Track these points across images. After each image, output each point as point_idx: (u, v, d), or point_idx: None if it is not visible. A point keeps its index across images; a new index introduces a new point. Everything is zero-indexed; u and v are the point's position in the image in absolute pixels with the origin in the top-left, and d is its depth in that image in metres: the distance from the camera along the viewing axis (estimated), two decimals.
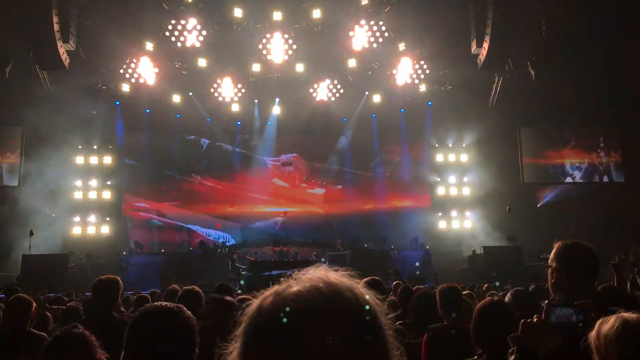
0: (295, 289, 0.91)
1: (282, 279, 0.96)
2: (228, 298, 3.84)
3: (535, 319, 2.16)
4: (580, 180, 24.20)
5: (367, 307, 0.91)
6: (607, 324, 1.96)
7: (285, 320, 0.87)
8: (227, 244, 22.32)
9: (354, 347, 0.86)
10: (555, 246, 2.87)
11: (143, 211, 23.83)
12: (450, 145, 24.51)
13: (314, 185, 25.01)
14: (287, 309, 0.88)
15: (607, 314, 2.03)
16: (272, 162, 24.90)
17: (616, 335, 1.92)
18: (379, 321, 0.92)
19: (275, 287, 0.94)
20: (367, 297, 0.93)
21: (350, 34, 20.99)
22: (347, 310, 0.88)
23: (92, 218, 22.88)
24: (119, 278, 4.57)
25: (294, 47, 21.44)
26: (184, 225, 23.87)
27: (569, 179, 24.25)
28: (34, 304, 4.57)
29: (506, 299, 4.32)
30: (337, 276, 0.94)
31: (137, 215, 23.87)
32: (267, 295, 0.94)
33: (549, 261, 2.89)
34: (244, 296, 4.12)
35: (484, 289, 9.72)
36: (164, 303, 2.32)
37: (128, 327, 2.11)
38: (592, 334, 1.99)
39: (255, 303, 0.94)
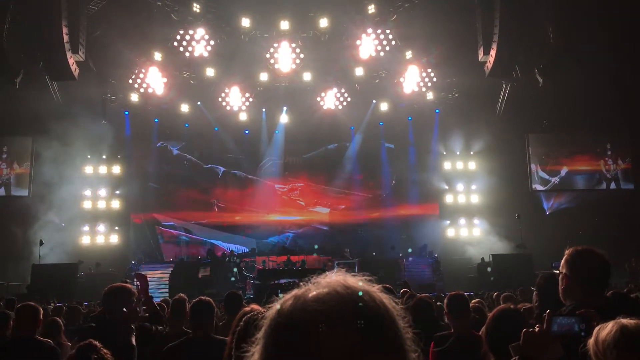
0: (314, 292, 0.94)
1: (301, 284, 0.98)
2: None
3: (537, 329, 2.15)
4: (583, 188, 24.01)
5: (385, 309, 0.94)
6: (605, 329, 1.96)
7: (305, 320, 0.89)
8: (235, 253, 22.37)
9: (372, 347, 0.88)
10: (566, 252, 2.85)
11: (172, 229, 24.58)
12: (458, 152, 24.42)
13: (321, 204, 25.13)
14: (307, 309, 0.90)
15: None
16: (281, 188, 25.14)
17: (614, 340, 1.91)
18: (397, 323, 0.94)
19: (295, 291, 0.96)
20: (384, 300, 0.95)
21: (357, 42, 21.05)
22: (365, 312, 0.90)
23: (101, 227, 22.97)
24: (130, 285, 4.59)
25: (301, 56, 21.53)
26: (207, 240, 24.32)
27: (579, 185, 24.09)
28: (42, 312, 4.59)
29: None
30: (354, 281, 0.96)
31: (168, 233, 24.44)
32: (287, 298, 0.96)
33: (560, 267, 2.87)
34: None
35: (493, 297, 9.66)
36: None
37: None
38: (591, 340, 1.98)
39: (275, 306, 0.96)
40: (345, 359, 0.86)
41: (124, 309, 3.99)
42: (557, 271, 2.93)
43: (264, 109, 24.00)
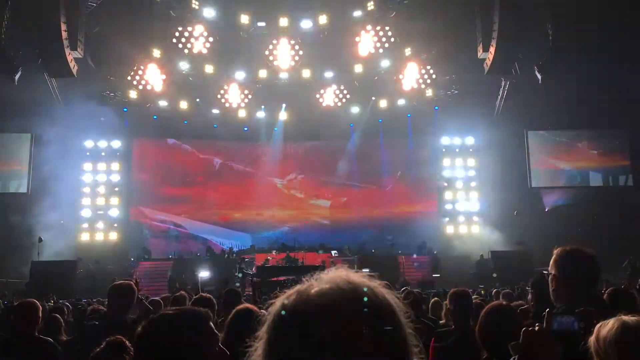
0: (317, 287, 0.95)
1: (304, 279, 0.99)
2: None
3: (537, 327, 2.14)
4: (582, 184, 24.03)
5: (387, 304, 0.95)
6: (606, 326, 1.96)
7: (308, 314, 0.90)
8: (234, 250, 22.32)
9: (375, 341, 0.89)
10: (554, 253, 2.79)
11: (161, 222, 24.28)
12: (457, 150, 24.44)
13: (321, 196, 25.09)
14: (310, 304, 0.92)
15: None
16: (279, 181, 25.10)
17: (615, 337, 1.91)
18: (398, 317, 0.95)
19: (298, 286, 0.97)
20: (386, 295, 0.96)
21: (357, 39, 21.03)
22: (368, 307, 0.92)
23: (99, 224, 22.95)
24: (133, 283, 4.59)
25: (301, 52, 21.50)
26: (199, 235, 24.17)
27: (578, 182, 24.10)
28: (41, 309, 4.58)
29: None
30: (357, 276, 0.98)
31: (156, 227, 24.20)
32: (290, 293, 0.97)
33: (548, 268, 2.83)
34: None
35: (493, 293, 9.68)
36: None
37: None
38: (592, 337, 1.98)
39: (278, 301, 0.97)
40: (348, 353, 0.87)
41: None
42: (546, 272, 2.90)
43: (263, 106, 23.96)
